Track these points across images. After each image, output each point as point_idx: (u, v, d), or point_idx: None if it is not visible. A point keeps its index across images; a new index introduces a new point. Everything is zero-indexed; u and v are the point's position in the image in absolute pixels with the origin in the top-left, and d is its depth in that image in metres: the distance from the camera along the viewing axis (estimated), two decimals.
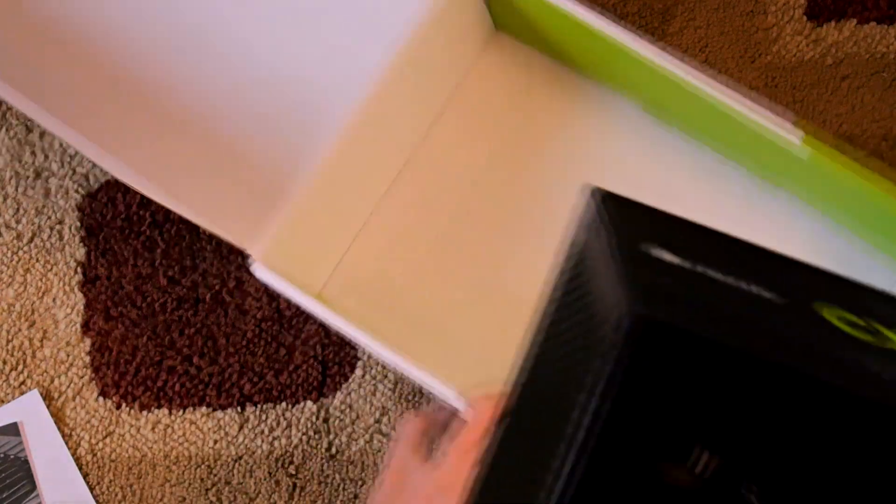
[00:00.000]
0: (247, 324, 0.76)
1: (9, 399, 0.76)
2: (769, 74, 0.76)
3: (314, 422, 0.74)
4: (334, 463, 0.74)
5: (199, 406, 0.76)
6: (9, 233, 0.78)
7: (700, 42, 0.77)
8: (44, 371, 0.76)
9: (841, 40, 0.77)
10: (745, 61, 0.77)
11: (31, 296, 0.77)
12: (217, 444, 0.75)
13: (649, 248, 0.32)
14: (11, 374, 0.76)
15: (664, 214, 0.36)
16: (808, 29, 0.77)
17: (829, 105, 0.76)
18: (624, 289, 0.29)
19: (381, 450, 0.74)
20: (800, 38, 0.77)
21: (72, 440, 0.75)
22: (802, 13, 0.77)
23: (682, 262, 0.32)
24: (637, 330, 0.28)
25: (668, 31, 0.77)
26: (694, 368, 0.28)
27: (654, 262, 0.32)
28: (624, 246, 0.32)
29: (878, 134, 0.76)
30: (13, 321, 0.77)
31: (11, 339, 0.77)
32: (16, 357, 0.77)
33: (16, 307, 0.77)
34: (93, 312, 0.77)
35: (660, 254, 0.32)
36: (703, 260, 0.33)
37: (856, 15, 0.77)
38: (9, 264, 0.78)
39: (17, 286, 0.77)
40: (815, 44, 0.77)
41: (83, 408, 0.76)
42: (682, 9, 0.77)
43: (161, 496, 0.75)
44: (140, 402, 0.76)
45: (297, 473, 0.74)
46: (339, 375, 0.75)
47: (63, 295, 0.77)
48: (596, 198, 0.36)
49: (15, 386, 0.76)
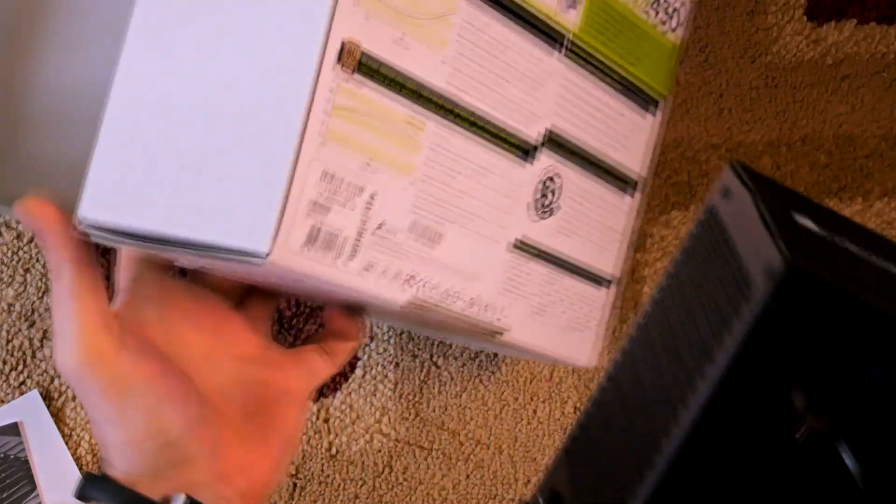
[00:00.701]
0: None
1: (9, 399, 0.76)
2: (769, 74, 0.76)
3: (314, 422, 0.74)
4: (334, 463, 0.74)
5: None
6: (9, 233, 0.78)
7: (700, 42, 0.77)
8: (44, 371, 0.76)
9: (841, 40, 0.77)
10: (745, 61, 0.77)
11: (31, 296, 0.77)
12: None
13: (794, 214, 0.35)
14: (11, 374, 0.76)
15: (794, 192, 0.39)
16: (808, 29, 0.77)
17: (829, 105, 0.76)
18: (777, 242, 0.31)
19: (382, 450, 0.74)
20: (800, 38, 0.77)
21: (72, 440, 0.75)
22: (802, 13, 0.77)
23: (823, 231, 0.35)
24: (791, 280, 0.30)
25: None
26: (834, 324, 0.31)
27: (799, 226, 0.34)
28: (772, 209, 0.34)
29: (878, 134, 0.76)
30: (13, 321, 0.77)
31: (11, 339, 0.77)
32: (16, 357, 0.77)
33: (16, 307, 0.77)
34: None
35: (804, 221, 0.35)
36: (839, 232, 0.35)
37: (856, 15, 0.77)
38: (9, 264, 0.78)
39: (17, 286, 0.77)
40: (815, 44, 0.77)
41: (83, 408, 0.76)
42: None
43: None
44: None
45: (297, 473, 0.74)
46: (339, 375, 0.75)
47: None
48: (736, 168, 0.38)
49: (15, 386, 0.76)
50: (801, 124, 0.76)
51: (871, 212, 0.75)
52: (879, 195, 0.75)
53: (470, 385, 0.75)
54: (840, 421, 0.31)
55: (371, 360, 0.75)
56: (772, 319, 0.31)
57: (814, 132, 0.76)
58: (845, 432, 0.31)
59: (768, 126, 0.76)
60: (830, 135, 0.76)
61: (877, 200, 0.75)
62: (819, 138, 0.76)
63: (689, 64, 0.77)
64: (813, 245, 0.33)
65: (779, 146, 0.76)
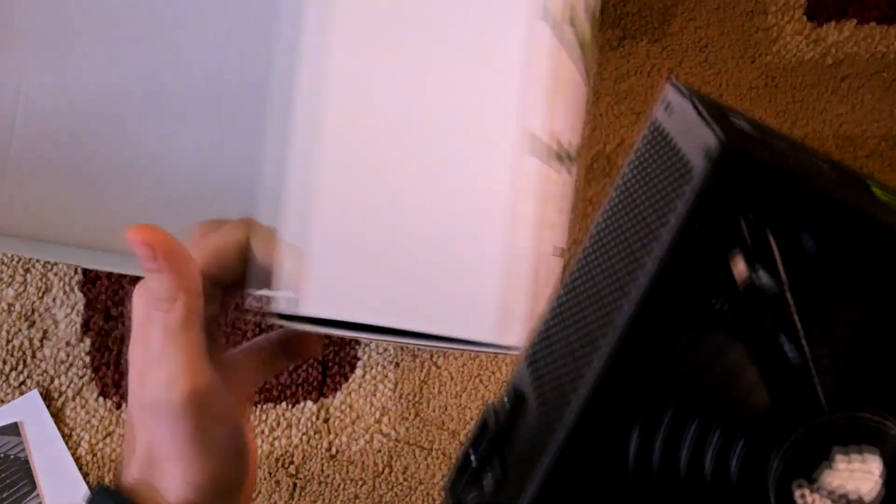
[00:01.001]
0: (246, 323, 0.76)
1: (9, 399, 0.76)
2: (769, 74, 0.76)
3: (314, 422, 0.74)
4: (334, 463, 0.74)
5: None
6: None
7: (700, 42, 0.77)
8: (44, 371, 0.76)
9: (841, 40, 0.77)
10: (745, 61, 0.77)
11: (31, 296, 0.77)
12: None
13: (730, 115, 0.38)
14: (11, 374, 0.76)
15: (730, 106, 0.42)
16: (808, 29, 0.77)
17: (829, 105, 0.76)
18: (714, 129, 0.34)
19: (382, 450, 0.74)
20: (800, 38, 0.77)
21: (72, 440, 0.75)
22: (802, 13, 0.77)
23: (759, 134, 0.38)
24: (727, 159, 0.33)
25: (668, 31, 0.77)
26: (767, 199, 0.33)
27: (735, 126, 0.37)
28: (711, 110, 0.37)
29: (878, 134, 0.76)
30: (13, 321, 0.77)
31: (11, 339, 0.77)
32: (16, 357, 0.77)
33: (16, 307, 0.77)
34: (93, 312, 0.77)
35: (740, 123, 0.37)
36: (769, 136, 0.38)
37: (856, 15, 0.77)
38: (9, 264, 0.78)
39: (17, 286, 0.77)
40: (815, 44, 0.77)
41: (83, 408, 0.76)
42: (682, 9, 0.77)
43: None
44: None
45: (297, 473, 0.74)
46: (339, 375, 0.75)
47: (63, 295, 0.77)
48: (676, 84, 0.41)
49: (15, 386, 0.76)
50: (801, 124, 0.76)
51: None
52: None
53: (470, 385, 0.75)
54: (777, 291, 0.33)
55: (371, 360, 0.75)
56: (711, 196, 0.33)
57: (814, 132, 0.76)
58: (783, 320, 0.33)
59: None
60: (830, 135, 0.76)
61: None
62: (819, 138, 0.76)
63: (689, 64, 0.77)
64: (746, 136, 0.36)
65: None
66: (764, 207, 0.33)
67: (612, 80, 0.77)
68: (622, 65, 0.77)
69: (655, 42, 0.77)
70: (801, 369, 0.34)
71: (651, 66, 0.77)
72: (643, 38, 0.77)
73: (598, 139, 0.77)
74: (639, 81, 0.77)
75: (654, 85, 0.77)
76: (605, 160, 0.76)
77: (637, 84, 0.77)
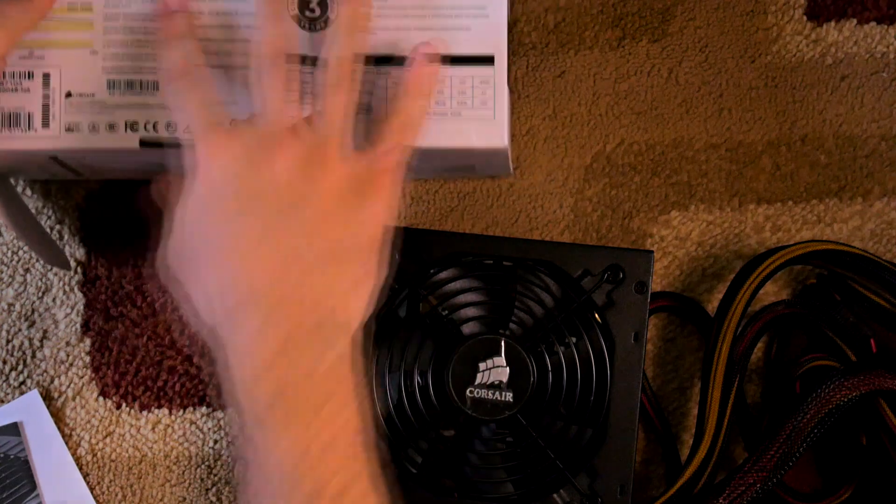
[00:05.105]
0: None
1: (9, 399, 0.76)
2: (769, 74, 0.77)
3: None
4: None
5: (200, 406, 0.76)
6: (9, 233, 0.78)
7: (700, 42, 0.77)
8: (44, 371, 0.76)
9: (841, 40, 0.77)
10: (745, 61, 0.77)
11: (31, 296, 0.77)
12: (217, 444, 0.75)
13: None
14: (11, 374, 0.76)
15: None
16: (808, 29, 0.77)
17: (829, 105, 0.76)
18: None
19: None
20: (800, 38, 0.77)
21: (72, 440, 0.75)
22: (802, 13, 0.77)
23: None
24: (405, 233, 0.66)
25: (668, 31, 0.77)
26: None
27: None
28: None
29: (878, 134, 0.76)
30: (13, 321, 0.77)
31: (11, 339, 0.77)
32: (16, 357, 0.77)
33: (16, 307, 0.77)
34: (93, 312, 0.77)
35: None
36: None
37: (856, 15, 0.77)
38: (9, 264, 0.78)
39: (17, 286, 0.77)
40: (815, 44, 0.77)
41: (83, 408, 0.76)
42: (681, 9, 0.77)
43: (161, 496, 0.75)
44: (140, 402, 0.76)
45: None
46: None
47: (63, 295, 0.77)
48: None
49: (15, 386, 0.76)
50: (801, 124, 0.76)
51: (871, 212, 0.75)
52: (879, 195, 0.75)
53: None
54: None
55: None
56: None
57: (814, 132, 0.76)
58: None
59: (768, 126, 0.76)
60: (830, 135, 0.76)
61: (877, 200, 0.75)
62: (819, 138, 0.76)
63: (689, 64, 0.77)
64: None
65: (779, 146, 0.76)
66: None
67: (612, 80, 0.77)
68: (622, 65, 0.77)
69: (655, 42, 0.77)
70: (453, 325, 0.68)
71: (651, 66, 0.77)
72: (643, 38, 0.77)
73: (598, 139, 0.77)
74: (639, 81, 0.77)
75: (653, 85, 0.77)
76: (605, 160, 0.76)
77: (637, 84, 0.77)
